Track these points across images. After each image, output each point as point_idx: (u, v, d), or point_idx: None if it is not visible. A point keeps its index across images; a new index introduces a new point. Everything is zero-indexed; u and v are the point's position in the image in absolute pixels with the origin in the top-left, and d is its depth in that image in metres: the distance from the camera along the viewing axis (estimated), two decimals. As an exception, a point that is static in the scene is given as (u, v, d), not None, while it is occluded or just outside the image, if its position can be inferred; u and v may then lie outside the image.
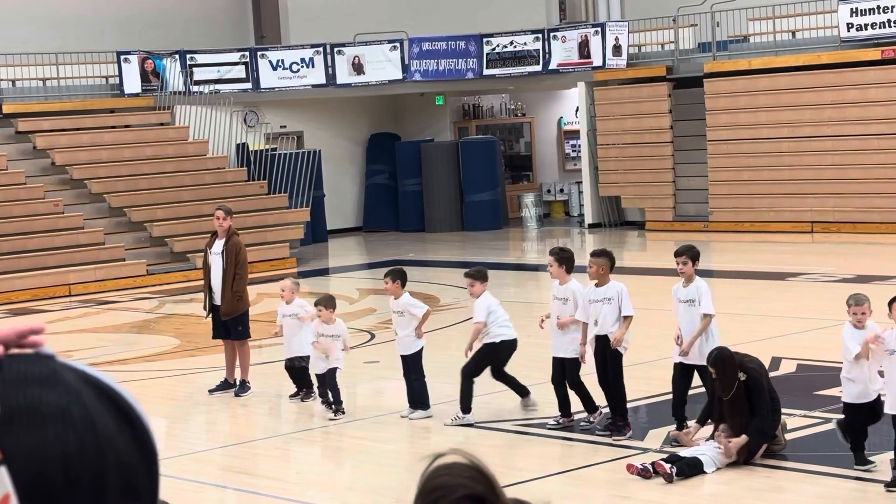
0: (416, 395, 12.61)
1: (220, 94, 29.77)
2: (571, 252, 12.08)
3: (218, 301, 14.26)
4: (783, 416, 10.95)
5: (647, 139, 30.02)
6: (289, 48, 31.68)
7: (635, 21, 30.58)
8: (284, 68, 31.00)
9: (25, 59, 28.70)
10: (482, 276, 12.40)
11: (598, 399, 11.74)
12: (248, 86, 30.75)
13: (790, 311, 17.75)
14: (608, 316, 11.37)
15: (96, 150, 28.07)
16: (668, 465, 10.06)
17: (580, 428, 11.75)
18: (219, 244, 14.35)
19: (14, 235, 24.93)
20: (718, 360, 10.41)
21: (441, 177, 32.74)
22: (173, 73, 29.89)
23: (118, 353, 17.56)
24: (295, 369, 13.75)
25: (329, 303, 13.09)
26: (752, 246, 25.92)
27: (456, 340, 16.30)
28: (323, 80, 31.33)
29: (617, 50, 30.00)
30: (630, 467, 10.21)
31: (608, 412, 11.65)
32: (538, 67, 31.11)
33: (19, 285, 23.96)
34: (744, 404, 10.34)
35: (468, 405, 12.22)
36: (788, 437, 10.84)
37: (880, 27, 26.47)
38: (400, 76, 31.74)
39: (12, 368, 1.29)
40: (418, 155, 33.09)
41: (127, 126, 29.31)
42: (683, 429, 11.07)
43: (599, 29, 30.27)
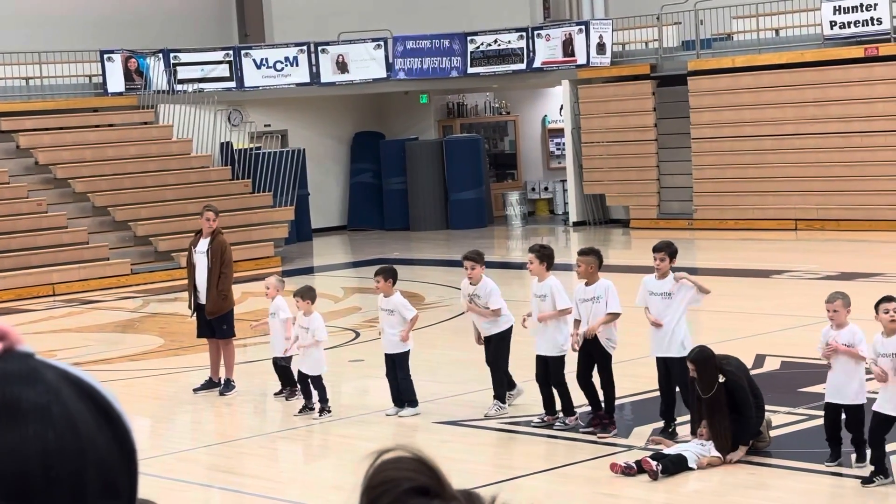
0: (404, 394, 12.60)
1: (204, 92, 29.72)
2: (552, 249, 12.07)
3: (203, 300, 14.24)
4: (768, 414, 10.98)
5: (631, 137, 30.05)
6: (273, 47, 31.64)
7: (619, 19, 30.61)
8: (268, 67, 30.96)
9: (8, 59, 28.60)
10: (482, 258, 12.47)
11: (578, 399, 11.74)
12: (232, 84, 30.71)
13: (774, 309, 17.79)
14: (598, 315, 11.36)
15: (80, 150, 28.00)
16: (654, 463, 10.08)
17: (558, 428, 11.71)
18: (203, 243, 14.33)
19: (-3, 235, 24.88)
20: (699, 357, 10.41)
21: (426, 175, 32.74)
22: (157, 71, 29.82)
23: (102, 353, 17.52)
24: (280, 367, 13.75)
25: (307, 294, 13.05)
26: (736, 243, 25.97)
27: (442, 339, 16.31)
28: (307, 79, 31.29)
29: (601, 48, 30.02)
30: (614, 466, 10.22)
31: (588, 411, 11.64)
32: (522, 66, 31.12)
33: (2, 285, 23.89)
34: (723, 406, 10.34)
35: (503, 395, 12.31)
36: (772, 433, 10.87)
37: (863, 25, 26.54)
38: (384, 75, 31.73)
39: (-8, 367, 1.29)
40: (403, 153, 33.08)
41: (110, 125, 29.25)
42: (670, 429, 11.07)
43: (583, 27, 30.29)
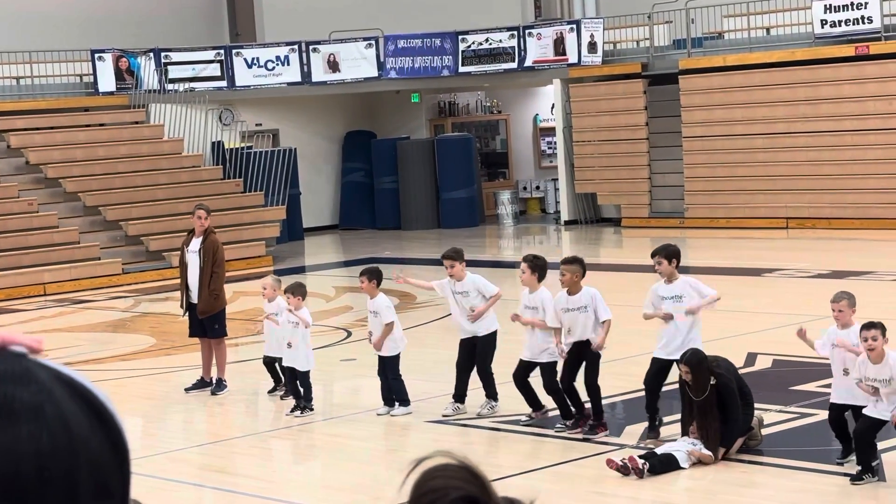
0: (396, 393, 12.61)
1: (195, 92, 29.69)
2: (545, 260, 11.96)
3: (195, 299, 14.24)
4: (761, 412, 10.99)
5: (622, 136, 30.07)
6: (264, 46, 31.63)
7: (610, 18, 30.64)
8: (259, 66, 30.94)
9: (-1, 58, 28.58)
10: (461, 256, 12.47)
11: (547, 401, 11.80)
12: (223, 84, 30.68)
13: (765, 307, 17.81)
14: (586, 325, 11.30)
15: (70, 149, 27.96)
16: (641, 461, 10.09)
17: (558, 430, 11.68)
18: (195, 242, 14.33)
19: (-12, 235, 24.84)
20: (693, 360, 10.39)
21: (417, 174, 32.74)
22: (148, 71, 29.79)
23: (94, 353, 17.50)
24: (272, 366, 13.76)
25: (297, 290, 13.10)
26: (727, 242, 26.00)
27: (432, 338, 16.32)
28: (298, 78, 31.28)
29: (592, 47, 30.04)
30: (610, 462, 10.23)
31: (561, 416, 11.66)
32: (514, 65, 31.13)
33: (-6, 285, 23.87)
34: (714, 409, 10.33)
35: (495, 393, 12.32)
36: (764, 431, 10.88)
37: (854, 24, 26.58)
38: (375, 74, 31.72)
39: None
40: (394, 152, 33.08)
41: (101, 125, 29.21)
42: (655, 425, 11.07)
43: (574, 26, 30.31)
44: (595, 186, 30.69)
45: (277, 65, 31.06)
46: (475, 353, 12.29)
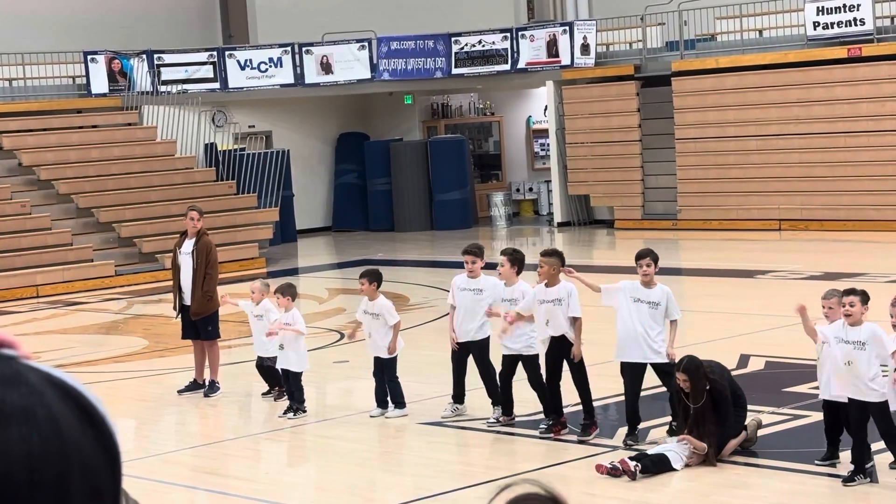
0: (392, 395, 12.58)
1: (188, 93, 29.68)
2: (523, 254, 12.11)
3: (188, 301, 14.23)
4: (759, 414, 11.00)
5: (615, 138, 30.09)
6: (257, 48, 31.61)
7: (603, 20, 30.65)
8: (252, 68, 30.93)
9: (-9, 60, 28.56)
10: (482, 252, 12.51)
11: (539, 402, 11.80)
12: (217, 85, 30.67)
13: (758, 309, 17.82)
14: (561, 318, 11.30)
15: (64, 151, 27.94)
16: (633, 463, 10.09)
17: (541, 429, 11.68)
18: (188, 244, 14.32)
19: (-19, 237, 24.80)
20: (691, 367, 10.35)
21: (410, 176, 32.74)
22: (141, 73, 29.77)
23: (86, 355, 17.48)
24: (264, 368, 13.75)
25: (287, 291, 13.10)
26: (720, 244, 26.02)
27: (427, 340, 16.31)
28: (291, 80, 31.27)
29: (585, 49, 30.05)
30: (599, 467, 10.23)
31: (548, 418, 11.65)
32: (506, 66, 31.14)
33: (-14, 287, 23.84)
34: (710, 413, 10.33)
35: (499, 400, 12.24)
36: (758, 433, 10.88)
37: (846, 26, 26.61)
38: (368, 75, 31.72)
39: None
40: (387, 154, 33.07)
41: (94, 126, 29.19)
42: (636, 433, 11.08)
43: (567, 28, 30.32)
44: (588, 188, 30.70)
45: (270, 66, 31.05)
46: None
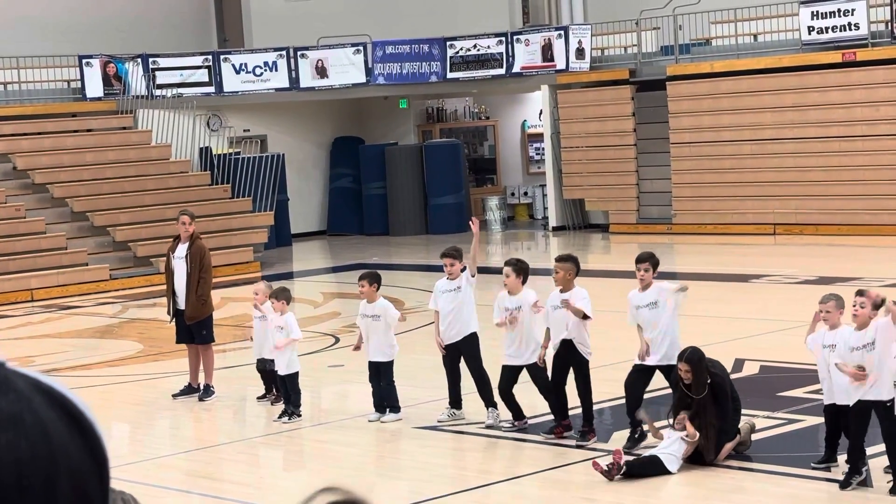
0: (387, 399, 12.56)
1: (183, 97, 29.68)
2: (527, 264, 12.09)
3: (182, 305, 14.22)
4: (753, 418, 11.00)
5: (610, 142, 30.11)
6: (252, 52, 31.61)
7: (598, 24, 30.68)
8: (247, 72, 30.93)
9: (-14, 63, 28.54)
10: (461, 255, 12.53)
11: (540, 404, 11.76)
12: (211, 89, 30.66)
13: (753, 313, 17.83)
14: (574, 323, 11.32)
15: (58, 155, 27.92)
16: (623, 460, 10.17)
17: (545, 434, 11.68)
18: (182, 248, 14.31)
19: (-25, 240, 24.77)
20: (694, 357, 10.42)
21: (405, 180, 32.75)
22: (136, 76, 29.77)
23: (81, 359, 17.47)
24: (266, 371, 13.72)
25: (282, 294, 13.11)
26: (715, 248, 26.05)
27: (421, 344, 16.30)
28: (286, 84, 31.27)
29: (580, 53, 30.08)
30: (595, 465, 10.27)
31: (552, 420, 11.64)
32: (501, 71, 31.16)
33: (-19, 291, 23.81)
34: (712, 407, 10.37)
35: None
36: (753, 437, 10.88)
37: (841, 30, 26.65)
38: (363, 80, 31.73)
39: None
40: (382, 158, 33.09)
41: (89, 130, 29.17)
42: (636, 435, 11.09)
43: (562, 32, 30.34)
44: (583, 192, 30.72)
45: (265, 70, 31.05)
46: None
